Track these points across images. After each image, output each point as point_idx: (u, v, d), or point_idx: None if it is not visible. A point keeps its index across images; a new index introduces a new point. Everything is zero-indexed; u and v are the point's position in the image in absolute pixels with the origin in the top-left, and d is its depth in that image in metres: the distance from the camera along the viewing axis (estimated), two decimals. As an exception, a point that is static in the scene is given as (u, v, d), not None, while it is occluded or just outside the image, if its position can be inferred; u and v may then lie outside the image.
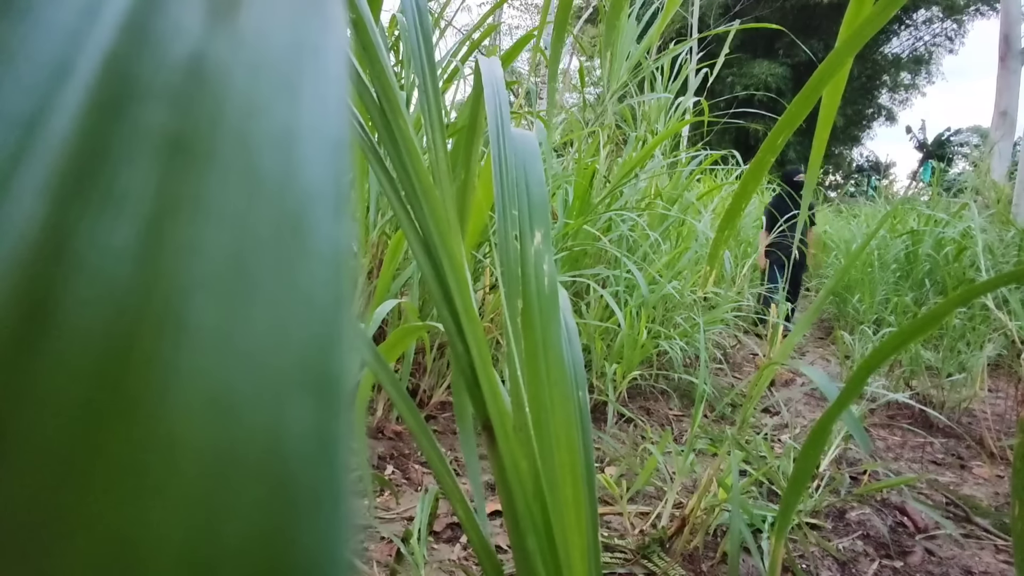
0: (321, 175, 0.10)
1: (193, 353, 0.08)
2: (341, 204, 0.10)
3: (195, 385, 0.08)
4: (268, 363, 0.08)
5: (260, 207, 0.09)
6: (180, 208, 0.09)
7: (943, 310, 0.30)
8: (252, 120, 0.10)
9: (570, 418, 0.28)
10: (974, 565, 1.32)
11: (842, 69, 0.64)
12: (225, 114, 0.10)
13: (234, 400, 0.08)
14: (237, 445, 0.08)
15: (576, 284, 2.04)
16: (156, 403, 0.08)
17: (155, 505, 0.07)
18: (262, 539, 0.08)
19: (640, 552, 1.21)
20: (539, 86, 3.49)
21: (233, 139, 0.10)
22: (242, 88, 0.10)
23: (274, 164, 0.10)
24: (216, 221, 0.09)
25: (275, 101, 0.10)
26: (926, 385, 2.42)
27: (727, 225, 0.52)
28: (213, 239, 0.09)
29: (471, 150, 0.52)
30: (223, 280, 0.09)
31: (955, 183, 6.65)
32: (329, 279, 0.09)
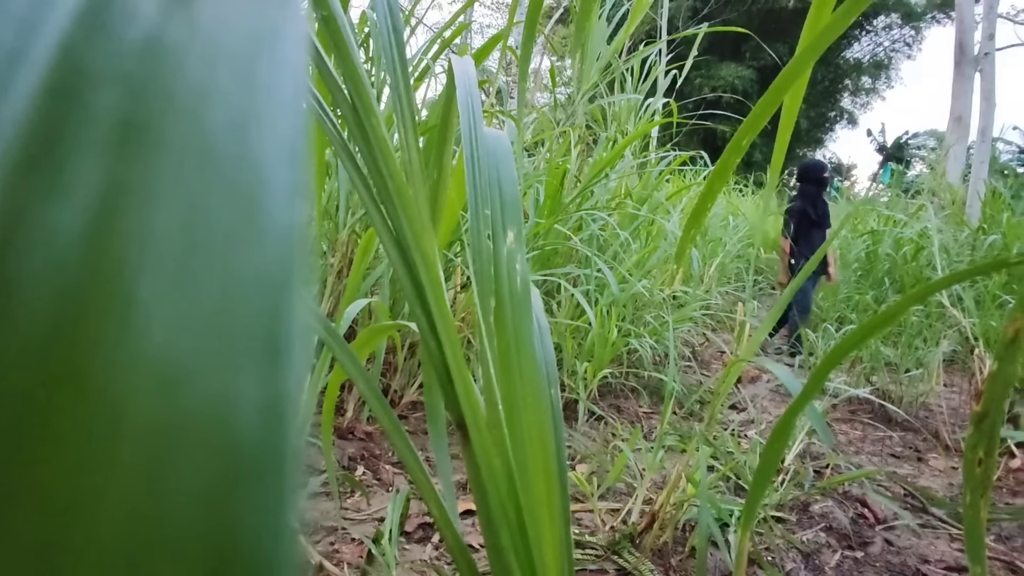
0: (276, 157, 0.10)
1: (141, 326, 0.08)
2: (296, 185, 0.10)
3: (143, 357, 0.08)
4: (217, 335, 0.08)
5: (212, 187, 0.10)
6: (131, 189, 0.09)
7: (899, 308, 0.31)
8: (207, 104, 0.10)
9: (542, 415, 0.28)
10: (930, 554, 1.36)
11: (804, 74, 0.65)
12: (179, 98, 0.10)
13: (182, 371, 0.08)
14: (184, 414, 0.08)
15: (547, 283, 2.05)
16: (104, 375, 0.08)
17: (101, 475, 0.08)
18: (207, 507, 0.08)
19: (611, 548, 1.22)
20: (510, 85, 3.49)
21: (186, 122, 0.10)
22: (197, 73, 0.10)
23: (228, 146, 0.10)
24: (167, 200, 0.09)
25: (231, 86, 0.10)
26: (886, 381, 2.50)
27: (693, 224, 0.53)
28: (164, 218, 0.09)
29: (443, 149, 0.52)
30: (173, 257, 0.09)
31: (913, 185, 6.86)
32: (281, 256, 0.09)
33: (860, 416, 2.31)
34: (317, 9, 0.30)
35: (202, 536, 0.08)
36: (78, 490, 0.07)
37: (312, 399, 0.71)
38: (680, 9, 13.70)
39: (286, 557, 0.08)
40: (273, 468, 0.08)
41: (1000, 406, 0.34)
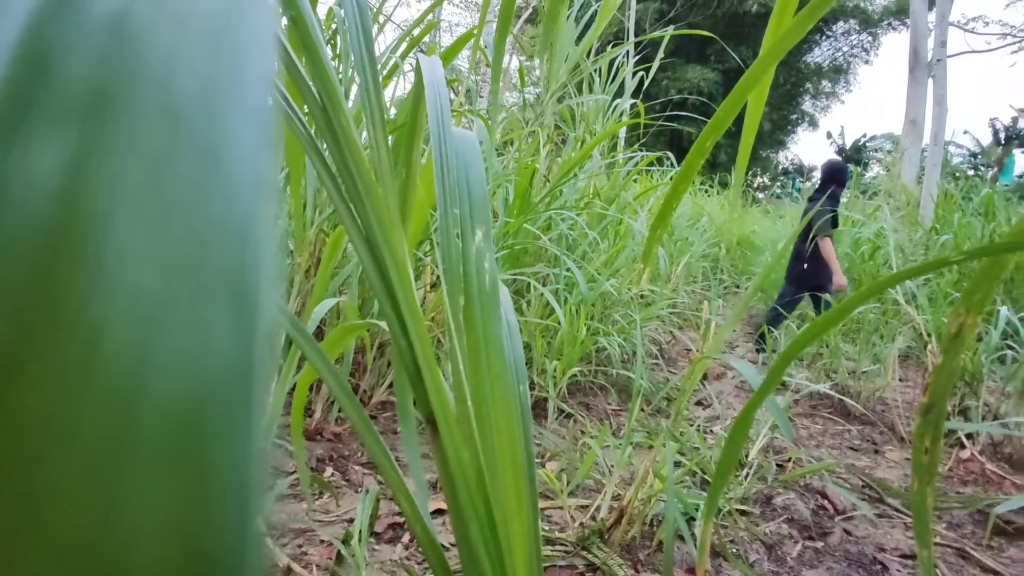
0: (243, 117, 0.11)
1: (114, 268, 0.09)
2: (262, 142, 0.11)
3: (115, 295, 0.09)
4: (186, 276, 0.09)
5: (181, 144, 0.10)
6: (102, 147, 0.10)
7: (850, 305, 0.33)
8: (174, 71, 0.11)
9: (511, 411, 0.29)
10: (886, 542, 1.41)
11: (765, 76, 0.67)
12: (146, 66, 0.11)
13: (154, 307, 0.09)
14: (157, 345, 0.09)
15: (517, 282, 2.06)
16: (79, 310, 0.09)
17: (78, 395, 0.08)
18: (178, 429, 0.08)
19: (580, 544, 1.23)
20: (479, 84, 3.49)
21: (154, 88, 0.10)
22: (164, 43, 0.11)
23: (196, 108, 0.11)
24: (137, 156, 0.10)
25: (198, 54, 0.11)
26: (845, 377, 2.58)
27: (660, 224, 0.54)
28: (134, 171, 0.10)
29: (412, 148, 0.53)
30: (143, 205, 0.09)
31: (870, 186, 7.07)
32: (249, 205, 0.10)
33: (821, 411, 2.38)
34: (287, 9, 0.30)
35: (173, 455, 0.08)
36: (57, 407, 0.08)
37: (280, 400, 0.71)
38: (647, 12, 13.87)
39: (254, 470, 0.09)
40: (241, 395, 0.09)
41: (945, 397, 0.35)
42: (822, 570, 1.28)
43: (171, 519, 0.08)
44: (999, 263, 0.33)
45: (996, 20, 23.55)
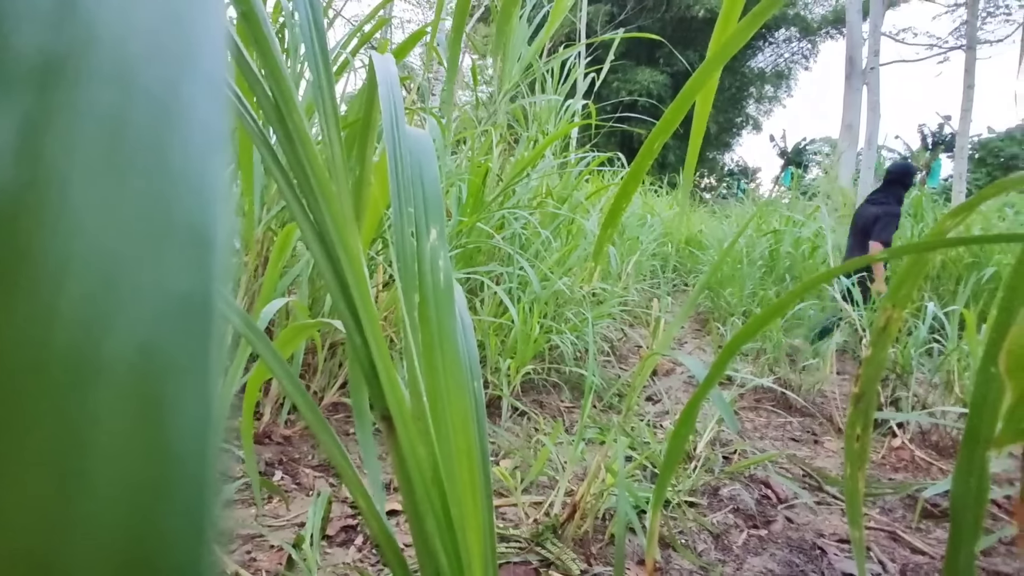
0: (196, 76, 0.11)
1: (74, 223, 0.09)
2: (217, 97, 0.11)
3: (77, 243, 0.09)
4: (145, 226, 0.10)
5: (136, 102, 0.10)
6: (58, 107, 0.10)
7: (786, 301, 0.35)
8: (127, 36, 0.11)
9: (466, 406, 0.29)
10: (825, 528, 1.48)
11: (711, 80, 0.70)
12: (99, 32, 0.11)
13: (113, 255, 0.09)
14: (117, 288, 0.09)
15: (470, 281, 2.06)
16: (42, 259, 0.09)
17: (44, 328, 0.09)
18: (140, 354, 0.09)
19: (534, 540, 1.24)
20: (432, 82, 3.47)
21: (108, 51, 0.11)
22: (116, 9, 0.11)
23: (149, 69, 0.11)
24: (92, 117, 0.10)
25: (150, 19, 0.11)
26: (787, 371, 2.68)
27: (610, 224, 0.55)
28: (90, 131, 0.10)
29: (365, 146, 0.52)
30: (101, 160, 0.10)
31: (810, 187, 7.35)
32: (204, 157, 0.11)
33: (764, 404, 2.47)
34: (237, 5, 0.29)
35: (133, 384, 0.09)
36: (25, 335, 0.08)
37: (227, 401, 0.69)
38: (598, 14, 14.05)
39: (210, 400, 0.09)
40: (199, 329, 0.09)
41: (874, 387, 0.38)
42: (765, 557, 1.33)
43: (132, 443, 0.08)
44: (922, 261, 0.35)
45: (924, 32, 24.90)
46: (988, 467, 0.26)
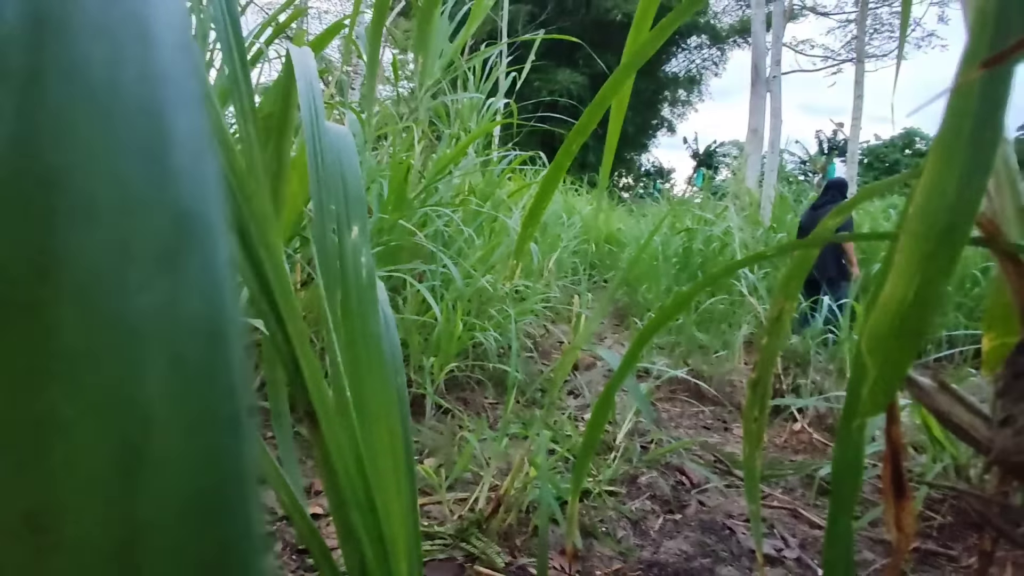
0: (175, 40, 0.12)
1: (77, 162, 0.10)
2: (194, 58, 0.13)
3: (82, 182, 0.10)
4: (149, 159, 0.11)
5: (124, 64, 0.11)
6: (51, 71, 0.11)
7: (692, 293, 0.37)
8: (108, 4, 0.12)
9: (389, 400, 0.30)
10: (733, 509, 1.57)
11: (626, 83, 0.73)
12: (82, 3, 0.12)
13: (124, 190, 0.10)
14: (136, 224, 0.10)
15: (393, 279, 2.03)
16: (49, 203, 0.10)
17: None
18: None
19: (459, 536, 1.25)
20: (351, 75, 3.39)
21: (91, 20, 0.11)
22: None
23: (131, 35, 0.12)
24: (84, 79, 0.11)
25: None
26: (699, 362, 2.82)
27: (531, 222, 0.57)
28: (84, 92, 0.11)
29: (282, 141, 0.51)
30: (98, 113, 0.11)
31: (720, 188, 7.73)
32: (194, 101, 0.12)
33: (679, 394, 2.58)
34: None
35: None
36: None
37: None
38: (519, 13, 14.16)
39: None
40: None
41: (770, 372, 0.41)
42: (680, 539, 1.39)
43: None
44: (807, 256, 0.39)
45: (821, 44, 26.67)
46: (863, 441, 0.30)
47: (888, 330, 0.21)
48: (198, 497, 0.09)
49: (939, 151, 0.20)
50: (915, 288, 0.20)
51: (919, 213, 0.20)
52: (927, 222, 0.20)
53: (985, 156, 0.19)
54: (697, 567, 1.28)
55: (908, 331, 0.21)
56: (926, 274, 0.20)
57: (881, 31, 13.82)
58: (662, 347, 3.11)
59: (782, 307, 0.40)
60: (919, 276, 0.20)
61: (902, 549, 0.28)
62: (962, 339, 3.05)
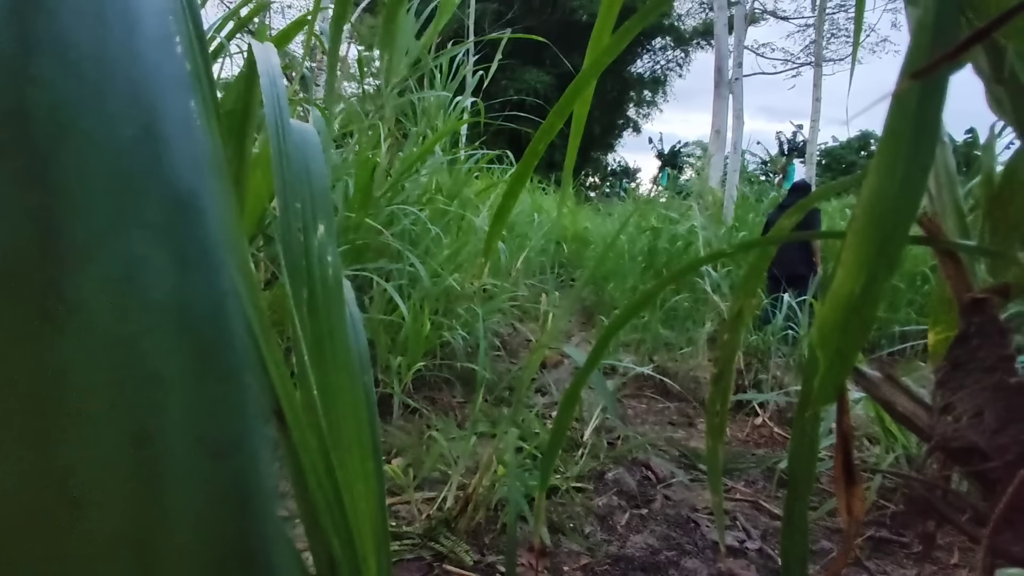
0: (158, 16, 0.13)
1: (70, 134, 0.10)
2: (178, 38, 0.14)
3: (77, 154, 0.10)
4: (141, 132, 0.11)
5: (110, 42, 0.12)
6: (40, 48, 0.11)
7: (654, 290, 0.38)
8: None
9: (357, 398, 0.30)
10: (698, 503, 1.60)
11: (589, 85, 0.73)
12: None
13: (118, 162, 0.11)
14: (132, 195, 0.10)
15: (359, 278, 2.02)
16: (45, 175, 0.10)
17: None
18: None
19: (427, 535, 1.25)
20: (315, 71, 3.34)
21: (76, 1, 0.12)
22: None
23: (115, 13, 0.12)
24: (73, 55, 0.11)
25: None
26: (665, 359, 2.86)
27: (498, 221, 0.57)
28: (74, 68, 0.11)
29: (244, 137, 0.50)
30: (88, 88, 0.11)
31: (685, 188, 7.86)
32: (181, 79, 0.13)
33: (645, 391, 2.62)
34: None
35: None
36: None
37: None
38: (486, 12, 14.14)
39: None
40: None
41: (731, 367, 0.43)
42: (646, 533, 1.42)
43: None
44: (766, 254, 0.40)
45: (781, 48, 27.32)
46: (818, 431, 0.31)
47: (836, 324, 0.22)
48: (212, 443, 0.10)
49: (882, 155, 0.21)
50: (861, 284, 0.21)
51: (864, 213, 0.21)
52: (872, 221, 0.21)
53: (924, 160, 0.21)
54: (663, 560, 1.30)
55: (855, 325, 0.22)
56: (872, 271, 0.21)
57: (838, 36, 14.23)
58: (628, 345, 3.15)
59: (742, 304, 0.42)
60: (865, 272, 0.21)
61: (853, 532, 0.29)
62: (914, 334, 3.16)
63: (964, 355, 0.27)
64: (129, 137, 0.11)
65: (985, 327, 0.26)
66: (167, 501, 0.09)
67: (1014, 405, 0.25)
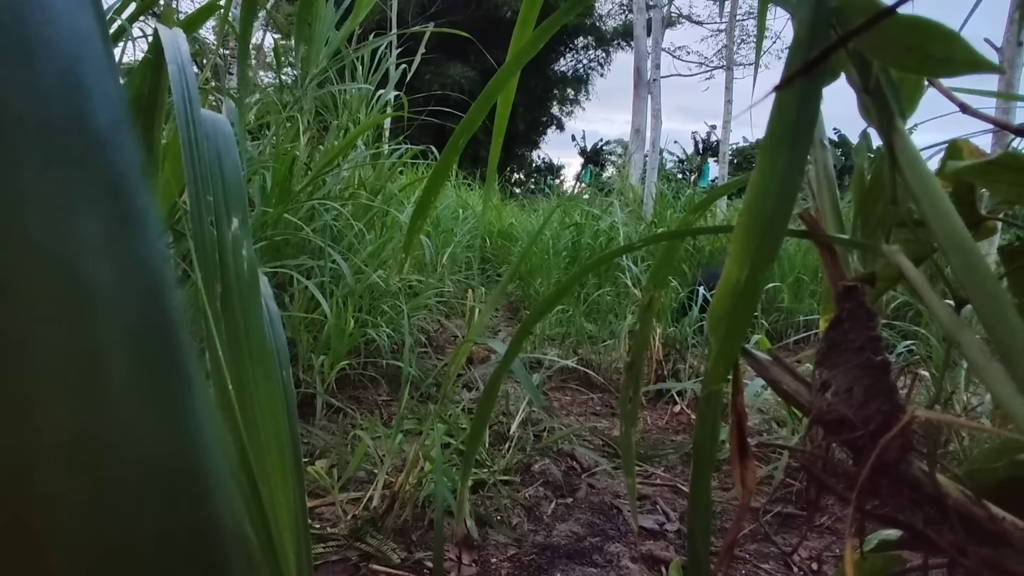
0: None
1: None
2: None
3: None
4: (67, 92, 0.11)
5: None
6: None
7: (570, 282, 0.40)
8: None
9: (274, 394, 0.29)
10: (621, 490, 1.66)
11: (510, 82, 0.75)
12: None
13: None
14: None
15: (279, 275, 1.95)
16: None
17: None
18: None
19: (353, 536, 1.23)
20: (228, 59, 3.19)
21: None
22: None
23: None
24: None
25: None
26: (588, 352, 2.93)
27: (419, 216, 0.58)
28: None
29: (152, 128, 0.48)
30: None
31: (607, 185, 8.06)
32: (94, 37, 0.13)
33: (570, 383, 2.68)
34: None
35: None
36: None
37: None
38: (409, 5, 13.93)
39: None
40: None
41: (643, 356, 0.45)
42: (571, 522, 1.46)
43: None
44: (673, 249, 0.43)
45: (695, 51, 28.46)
46: (718, 412, 0.34)
47: (725, 310, 0.25)
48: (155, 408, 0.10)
49: (764, 155, 0.23)
50: (746, 273, 0.24)
51: (748, 208, 0.24)
52: (754, 216, 0.23)
53: (800, 160, 0.23)
54: (587, 546, 1.34)
55: (741, 310, 0.24)
56: (754, 262, 0.23)
57: (748, 41, 14.98)
58: (554, 339, 3.21)
59: (652, 295, 0.44)
60: (749, 263, 0.23)
61: (747, 502, 0.32)
62: (816, 323, 3.39)
63: (838, 337, 0.30)
64: (54, 85, 0.11)
65: (855, 311, 0.29)
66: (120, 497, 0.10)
67: (878, 380, 0.28)
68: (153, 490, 0.10)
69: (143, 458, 0.10)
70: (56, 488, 0.09)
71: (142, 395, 0.10)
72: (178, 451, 0.11)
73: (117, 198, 0.11)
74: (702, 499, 0.33)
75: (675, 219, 4.51)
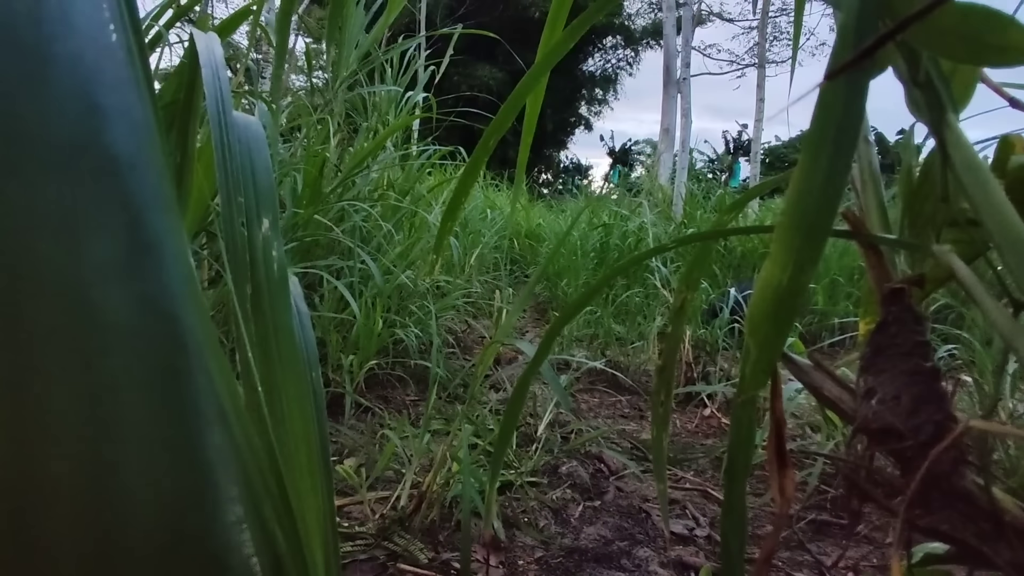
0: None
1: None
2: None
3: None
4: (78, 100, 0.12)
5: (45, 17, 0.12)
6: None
7: (599, 284, 0.39)
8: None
9: (304, 395, 0.30)
10: (649, 493, 1.64)
11: (540, 82, 0.74)
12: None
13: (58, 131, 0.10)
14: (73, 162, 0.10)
15: (309, 275, 1.98)
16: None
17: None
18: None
19: (381, 535, 1.24)
20: (260, 63, 3.26)
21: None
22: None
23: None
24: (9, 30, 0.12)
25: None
26: (616, 353, 2.91)
27: (449, 217, 0.57)
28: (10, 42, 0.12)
29: (187, 132, 0.49)
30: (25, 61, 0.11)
31: (635, 185, 8.00)
32: (117, 53, 0.14)
33: (598, 385, 2.65)
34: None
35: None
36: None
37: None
38: (438, 6, 14.04)
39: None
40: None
41: (674, 359, 0.44)
42: (599, 525, 1.44)
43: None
44: (706, 250, 0.42)
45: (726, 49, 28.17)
46: (753, 417, 0.32)
47: (765, 313, 0.24)
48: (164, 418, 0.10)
49: (807, 152, 0.22)
50: (788, 275, 0.23)
51: (790, 207, 0.23)
52: (797, 215, 0.22)
53: (845, 157, 0.22)
54: (615, 550, 1.32)
55: (782, 314, 0.23)
56: (797, 262, 0.22)
57: (780, 39, 14.72)
58: (582, 340, 3.19)
59: (684, 297, 0.43)
60: (791, 265, 0.23)
61: (785, 511, 0.31)
62: (852, 326, 3.31)
63: (884, 341, 0.29)
64: (71, 110, 0.11)
65: (902, 315, 0.28)
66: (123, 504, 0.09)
67: (928, 388, 0.27)
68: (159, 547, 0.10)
69: (146, 515, 0.10)
70: (59, 529, 0.09)
71: (144, 443, 0.10)
72: (180, 514, 0.10)
73: (132, 224, 0.10)
74: (737, 506, 0.32)
75: (705, 219, 4.44)
